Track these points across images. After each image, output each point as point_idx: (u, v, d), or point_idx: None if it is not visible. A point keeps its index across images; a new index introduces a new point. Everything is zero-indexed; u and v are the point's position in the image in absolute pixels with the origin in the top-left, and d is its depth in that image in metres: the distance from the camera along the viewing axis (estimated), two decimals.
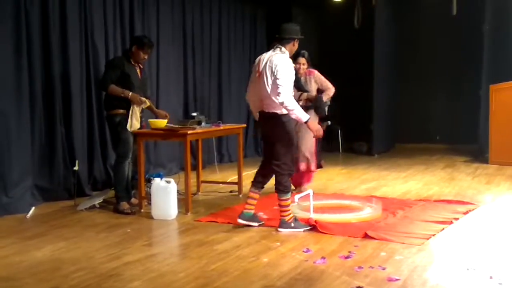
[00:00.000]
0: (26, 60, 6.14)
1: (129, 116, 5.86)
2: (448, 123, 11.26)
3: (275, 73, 4.87)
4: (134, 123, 5.89)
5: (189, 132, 5.86)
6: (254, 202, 5.25)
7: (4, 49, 5.89)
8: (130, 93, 5.86)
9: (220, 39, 9.82)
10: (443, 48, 11.16)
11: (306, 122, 4.91)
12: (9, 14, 5.96)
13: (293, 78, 4.99)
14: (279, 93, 4.80)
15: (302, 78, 6.56)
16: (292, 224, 5.07)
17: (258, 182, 5.28)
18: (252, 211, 5.25)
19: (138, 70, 6.04)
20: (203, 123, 6.46)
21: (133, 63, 5.98)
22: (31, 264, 4.19)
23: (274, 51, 5.02)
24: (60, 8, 6.64)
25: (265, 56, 5.05)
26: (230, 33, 10.07)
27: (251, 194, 5.26)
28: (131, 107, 5.87)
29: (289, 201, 5.10)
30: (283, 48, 5.01)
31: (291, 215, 5.11)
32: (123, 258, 4.31)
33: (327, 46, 11.85)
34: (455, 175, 8.12)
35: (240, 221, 5.19)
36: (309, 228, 5.07)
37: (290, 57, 5.07)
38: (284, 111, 4.91)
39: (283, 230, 5.04)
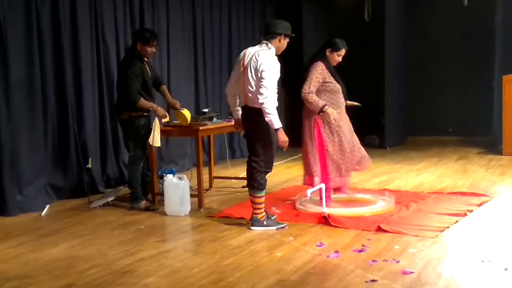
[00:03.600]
0: (38, 59, 6.17)
1: (152, 130, 5.75)
2: (461, 115, 11.17)
3: (260, 72, 4.72)
4: (156, 137, 5.76)
5: (200, 128, 5.87)
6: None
7: (15, 49, 5.92)
8: (158, 108, 5.84)
9: (230, 34, 9.81)
10: (455, 40, 11.07)
11: (277, 130, 4.76)
12: (20, 14, 5.99)
13: (278, 76, 4.81)
14: (262, 93, 4.68)
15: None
16: (265, 223, 4.96)
17: None
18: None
19: (148, 68, 5.96)
20: (214, 119, 6.46)
21: (144, 62, 5.87)
22: (46, 262, 4.22)
23: (260, 46, 4.87)
24: (70, 7, 6.66)
25: (251, 51, 4.88)
26: (240, 28, 10.06)
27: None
28: (154, 121, 5.80)
29: (262, 199, 4.97)
30: (269, 44, 4.84)
31: (264, 213, 5.00)
32: (137, 254, 4.33)
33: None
34: (469, 167, 8.07)
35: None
36: (282, 226, 4.96)
37: (278, 54, 4.89)
38: None
39: (255, 229, 4.93)
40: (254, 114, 4.87)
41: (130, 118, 5.81)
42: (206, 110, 6.96)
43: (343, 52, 5.68)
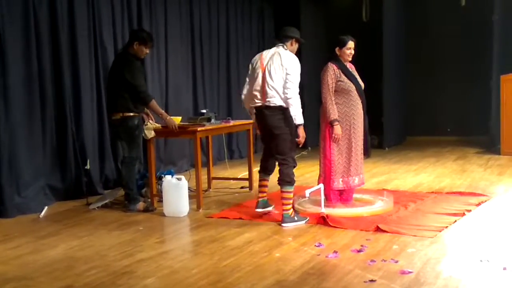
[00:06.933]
0: (36, 60, 6.17)
1: (144, 129, 5.88)
2: (459, 115, 11.19)
3: (285, 68, 4.97)
4: (147, 132, 5.89)
5: (198, 129, 5.88)
6: (266, 189, 5.40)
7: (14, 50, 5.92)
8: (169, 117, 5.83)
9: (228, 34, 9.81)
10: (453, 40, 11.08)
11: (298, 125, 5.00)
12: (18, 15, 5.99)
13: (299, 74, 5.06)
14: (289, 88, 4.93)
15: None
16: (296, 218, 5.12)
17: (266, 169, 5.41)
18: (266, 198, 5.37)
19: None
20: (212, 120, 6.46)
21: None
22: (45, 263, 4.22)
23: (277, 48, 5.13)
24: (68, 8, 6.66)
25: (269, 53, 5.14)
26: (238, 29, 10.06)
27: (262, 182, 5.40)
28: (147, 121, 5.89)
29: (292, 194, 5.16)
30: (284, 46, 5.14)
31: (292, 208, 5.17)
32: (136, 255, 4.33)
33: (335, 40, 11.76)
34: (467, 167, 8.07)
35: (258, 210, 5.31)
36: (307, 220, 5.14)
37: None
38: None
39: (287, 225, 5.04)
40: (276, 112, 5.03)
41: (123, 119, 5.76)
42: (204, 111, 6.95)
43: (351, 44, 5.81)
